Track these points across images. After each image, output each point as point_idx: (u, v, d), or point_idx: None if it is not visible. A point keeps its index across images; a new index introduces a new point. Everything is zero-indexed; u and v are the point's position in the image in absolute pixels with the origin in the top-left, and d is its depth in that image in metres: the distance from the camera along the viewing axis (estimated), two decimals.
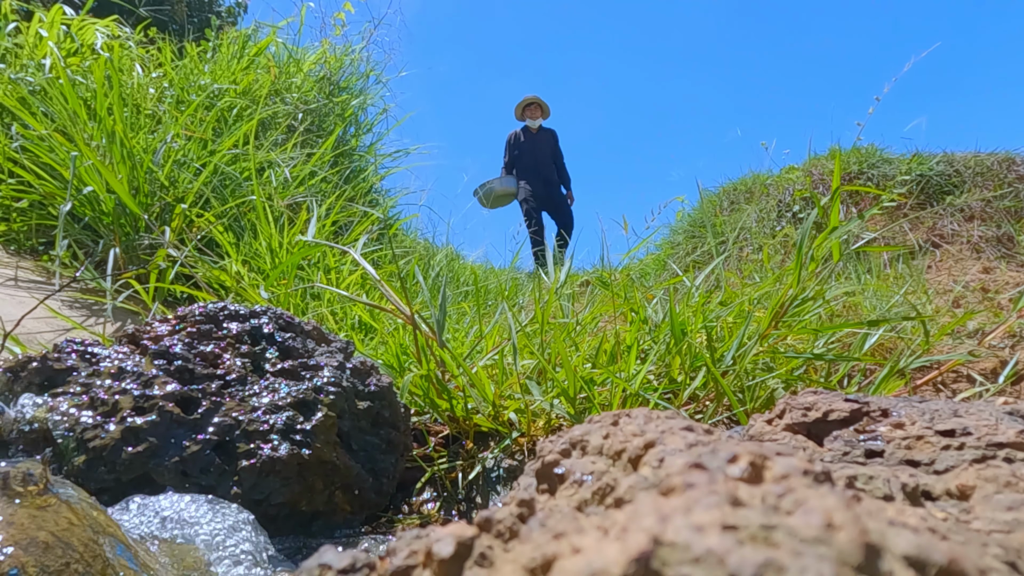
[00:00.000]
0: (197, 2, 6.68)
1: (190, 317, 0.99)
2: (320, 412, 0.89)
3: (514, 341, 1.18)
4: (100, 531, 0.54)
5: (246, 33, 3.49)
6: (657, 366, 1.32)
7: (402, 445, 1.03)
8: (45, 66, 2.30)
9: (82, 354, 0.89)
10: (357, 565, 0.32)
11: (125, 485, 0.76)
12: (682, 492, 0.27)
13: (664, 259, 4.60)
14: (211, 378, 0.89)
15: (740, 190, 4.68)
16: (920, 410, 0.56)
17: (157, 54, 3.06)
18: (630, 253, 2.27)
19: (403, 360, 1.34)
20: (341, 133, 3.43)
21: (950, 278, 2.77)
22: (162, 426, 0.80)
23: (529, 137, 6.77)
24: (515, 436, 1.11)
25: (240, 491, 0.79)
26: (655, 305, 1.52)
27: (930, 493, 0.44)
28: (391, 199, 3.55)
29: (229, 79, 2.90)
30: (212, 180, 2.23)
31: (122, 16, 3.23)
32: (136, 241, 1.95)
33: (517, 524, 0.31)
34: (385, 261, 2.67)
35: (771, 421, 0.62)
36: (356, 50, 3.85)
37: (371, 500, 0.94)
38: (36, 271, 1.92)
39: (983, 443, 0.48)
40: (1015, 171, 3.91)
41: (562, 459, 0.41)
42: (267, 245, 1.89)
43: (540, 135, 6.78)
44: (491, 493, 1.06)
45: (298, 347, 1.00)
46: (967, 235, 3.54)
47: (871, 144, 4.26)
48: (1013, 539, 0.35)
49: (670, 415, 0.43)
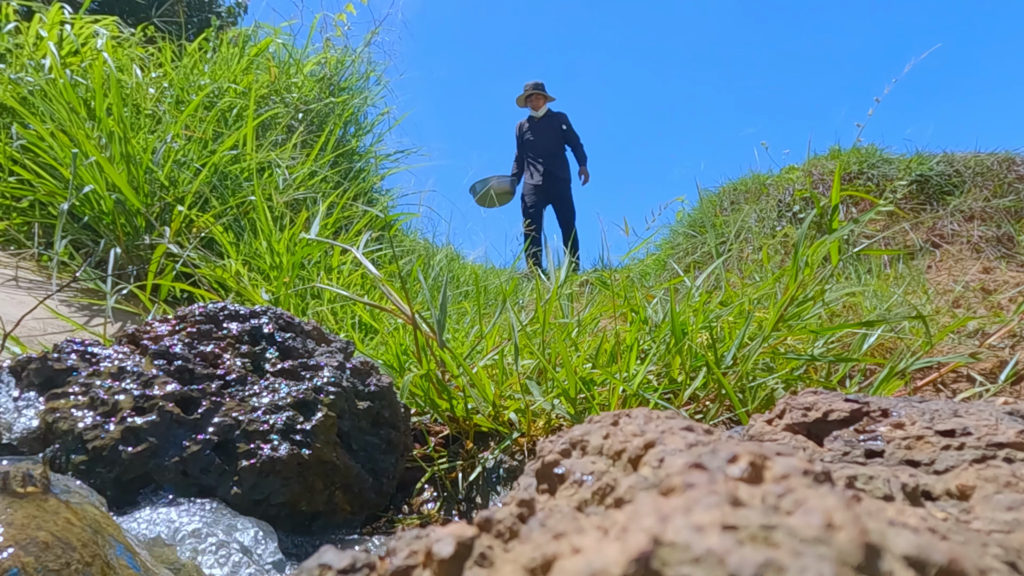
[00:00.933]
0: (197, 2, 6.69)
1: (190, 317, 0.99)
2: (320, 412, 0.89)
3: (515, 341, 1.18)
4: (100, 531, 0.54)
5: (246, 33, 3.49)
6: (657, 366, 1.32)
7: (402, 445, 1.03)
8: (45, 66, 2.30)
9: (82, 354, 0.89)
10: (357, 565, 0.32)
11: (125, 485, 0.76)
12: (682, 492, 0.27)
13: (664, 259, 4.60)
14: (211, 378, 0.89)
15: (740, 190, 4.68)
16: (920, 410, 0.56)
17: (157, 54, 3.06)
18: (630, 253, 2.27)
19: (403, 360, 1.34)
20: (341, 133, 3.43)
21: (950, 278, 2.77)
22: (162, 426, 0.80)
23: (533, 125, 6.48)
24: (515, 436, 1.11)
25: (240, 491, 0.79)
26: (655, 305, 1.52)
27: (930, 493, 0.44)
28: (391, 199, 3.55)
29: (229, 79, 2.90)
30: (212, 180, 2.23)
31: (122, 16, 3.24)
32: (136, 241, 1.95)
33: (517, 524, 0.31)
34: (385, 261, 2.67)
35: (771, 421, 0.62)
36: (357, 51, 3.86)
37: (371, 500, 0.94)
38: (36, 271, 1.92)
39: (983, 443, 0.48)
40: (1015, 171, 3.91)
41: (562, 459, 0.41)
42: (267, 245, 1.89)
43: (545, 122, 6.44)
44: (491, 493, 1.06)
45: (298, 347, 1.00)
46: (967, 235, 3.54)
47: (871, 144, 4.26)
48: (1013, 539, 0.35)
49: (670, 415, 0.43)
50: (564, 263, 1.56)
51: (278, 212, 2.21)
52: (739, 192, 4.66)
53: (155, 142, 2.11)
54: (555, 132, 6.43)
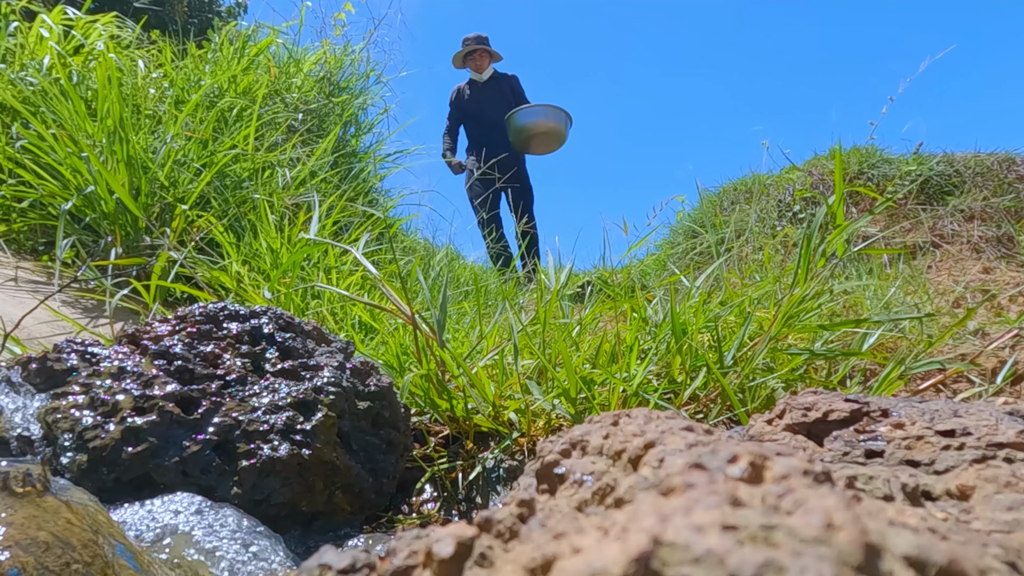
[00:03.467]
0: (197, 2, 6.69)
1: (190, 317, 0.99)
2: (320, 412, 0.89)
3: (515, 341, 1.18)
4: (100, 531, 0.54)
5: (246, 33, 3.49)
6: (657, 366, 1.32)
7: (402, 445, 1.03)
8: (45, 65, 2.30)
9: (82, 354, 0.89)
10: (357, 565, 0.32)
11: (125, 485, 0.76)
12: (682, 492, 0.27)
13: (664, 259, 4.60)
14: (211, 378, 0.89)
15: (740, 190, 4.68)
16: (920, 410, 0.56)
17: (157, 54, 3.06)
18: (629, 252, 2.27)
19: (403, 360, 1.34)
20: (341, 133, 3.43)
21: (950, 278, 2.77)
22: (162, 426, 0.80)
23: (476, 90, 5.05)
24: (515, 436, 1.11)
25: (240, 491, 0.79)
26: (655, 305, 1.52)
27: (930, 493, 0.44)
28: (392, 200, 3.55)
29: (229, 79, 2.90)
30: (212, 180, 2.23)
31: (122, 16, 3.24)
32: (137, 241, 1.95)
33: (517, 524, 0.31)
34: (385, 261, 2.67)
35: (771, 421, 0.62)
36: (356, 50, 3.86)
37: (371, 500, 0.94)
38: (36, 271, 1.92)
39: (983, 443, 0.48)
40: (1015, 171, 3.91)
41: (562, 459, 0.41)
42: (267, 245, 1.89)
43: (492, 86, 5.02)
44: (491, 493, 1.06)
45: (298, 347, 1.00)
46: (967, 235, 3.54)
47: (871, 144, 4.26)
48: (1013, 539, 0.35)
49: (670, 415, 0.43)
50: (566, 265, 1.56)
51: (279, 212, 2.21)
52: (739, 192, 4.67)
53: (155, 141, 2.12)
54: (504, 99, 5.01)
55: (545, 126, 4.84)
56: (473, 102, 5.07)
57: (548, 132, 4.89)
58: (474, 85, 5.08)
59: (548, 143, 4.98)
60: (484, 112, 5.04)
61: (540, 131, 4.87)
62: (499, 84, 5.06)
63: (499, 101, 5.00)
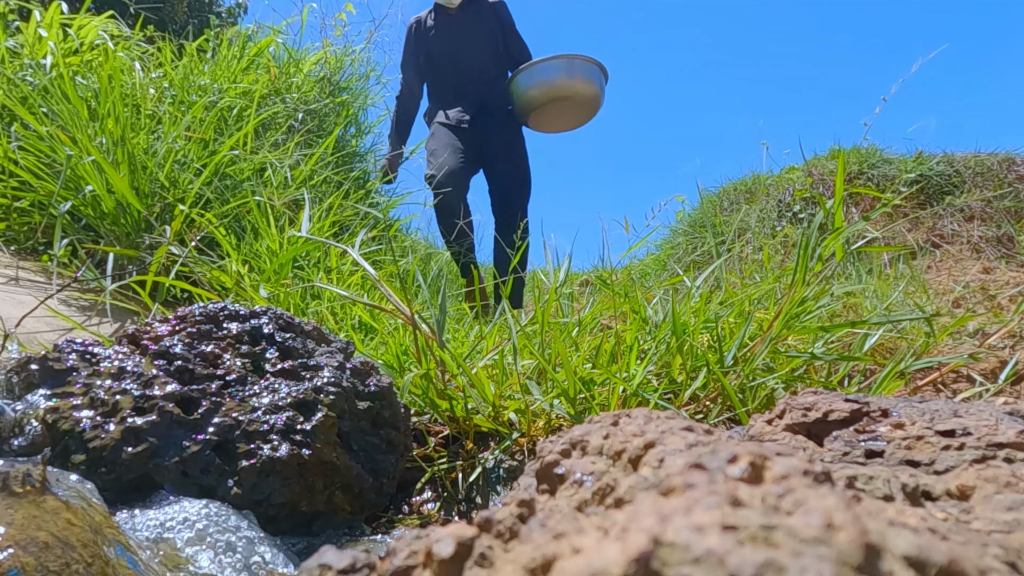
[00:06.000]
0: (197, 2, 6.69)
1: (190, 317, 0.99)
2: (320, 412, 0.89)
3: (514, 341, 1.18)
4: (100, 531, 0.54)
5: (246, 33, 3.49)
6: (657, 366, 1.32)
7: (402, 445, 1.03)
8: (45, 65, 2.30)
9: (82, 354, 0.89)
10: (357, 565, 0.32)
11: (125, 485, 0.76)
12: (682, 492, 0.27)
13: (664, 259, 4.60)
14: (211, 378, 0.89)
15: (740, 190, 4.68)
16: (920, 410, 0.56)
17: (157, 54, 3.06)
18: (629, 251, 2.27)
19: (403, 360, 1.34)
20: (341, 133, 3.43)
21: (950, 278, 2.77)
22: (162, 426, 0.80)
23: (445, 23, 3.21)
24: (515, 436, 1.11)
25: (240, 491, 0.79)
26: (655, 305, 1.52)
27: (930, 493, 0.44)
28: (392, 200, 3.55)
29: (229, 79, 2.90)
30: (212, 180, 2.23)
31: (122, 16, 3.24)
32: (137, 240, 1.95)
33: (517, 524, 0.31)
34: (385, 261, 2.67)
35: (771, 421, 0.62)
36: (357, 51, 3.86)
37: (371, 500, 0.94)
38: (36, 271, 1.92)
39: (983, 443, 0.48)
40: (1015, 171, 3.91)
41: (562, 459, 0.41)
42: (266, 245, 1.89)
43: (469, 14, 3.19)
44: (491, 493, 1.06)
45: (298, 347, 1.00)
46: (967, 235, 3.54)
47: (871, 144, 4.26)
48: (1013, 539, 0.35)
49: (670, 415, 0.43)
50: (565, 262, 1.56)
51: (279, 213, 2.21)
52: (739, 192, 4.67)
53: (155, 142, 2.12)
54: (487, 33, 3.23)
55: (571, 88, 2.94)
56: (442, 39, 3.21)
57: (575, 98, 2.99)
58: (442, 14, 3.22)
59: (576, 114, 3.13)
60: (459, 53, 3.21)
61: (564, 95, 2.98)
62: (480, 12, 3.21)
63: (480, 37, 3.20)
